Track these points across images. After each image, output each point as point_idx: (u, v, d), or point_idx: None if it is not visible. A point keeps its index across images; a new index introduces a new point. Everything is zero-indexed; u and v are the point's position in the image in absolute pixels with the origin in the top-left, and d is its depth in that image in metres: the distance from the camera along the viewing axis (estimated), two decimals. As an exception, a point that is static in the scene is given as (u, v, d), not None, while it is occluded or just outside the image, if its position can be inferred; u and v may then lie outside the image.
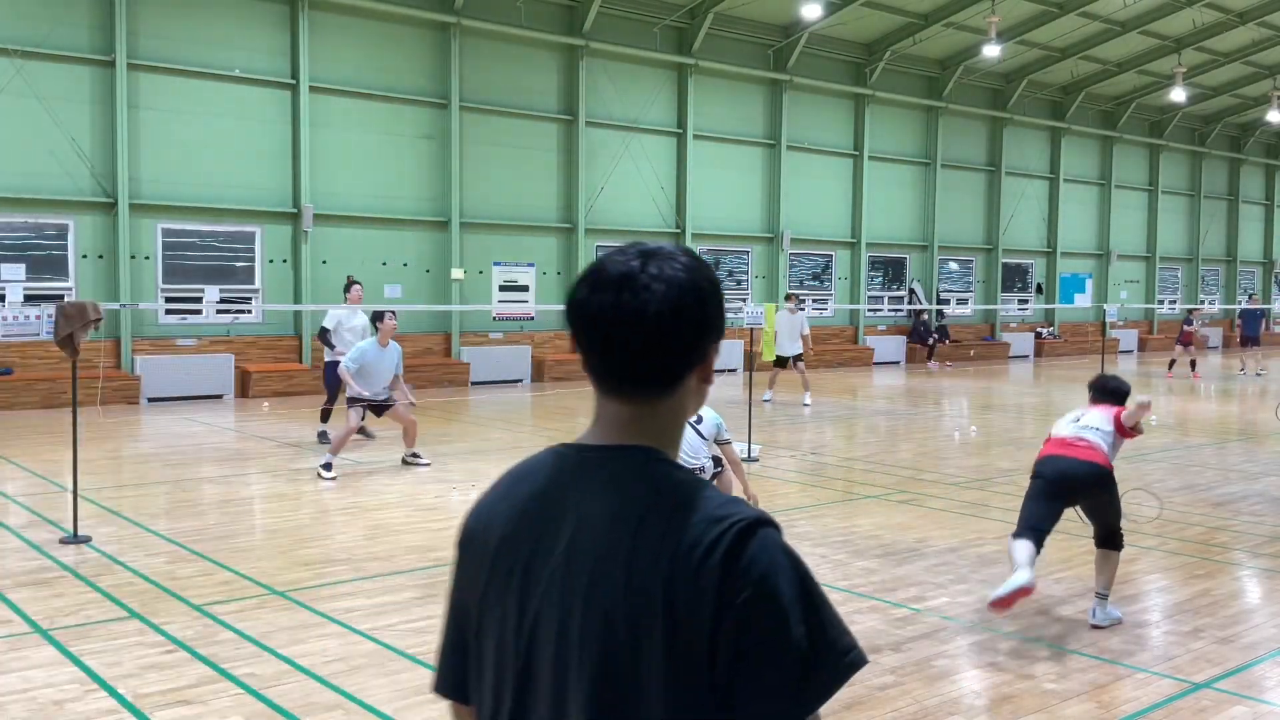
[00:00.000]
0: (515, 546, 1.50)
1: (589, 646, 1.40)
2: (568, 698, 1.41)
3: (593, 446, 1.51)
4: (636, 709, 1.37)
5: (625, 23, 22.39)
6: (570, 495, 1.48)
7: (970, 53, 27.04)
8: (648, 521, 1.41)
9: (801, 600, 1.38)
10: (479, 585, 1.54)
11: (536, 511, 1.50)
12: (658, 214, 23.57)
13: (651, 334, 1.44)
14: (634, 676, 1.37)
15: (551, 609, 1.44)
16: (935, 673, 5.39)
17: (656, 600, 1.36)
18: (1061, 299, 32.21)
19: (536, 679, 1.45)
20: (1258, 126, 37.27)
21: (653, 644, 1.36)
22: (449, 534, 8.57)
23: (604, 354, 1.47)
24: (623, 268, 1.46)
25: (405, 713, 4.76)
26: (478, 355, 20.77)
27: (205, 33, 17.95)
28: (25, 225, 16.69)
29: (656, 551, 1.38)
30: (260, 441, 13.22)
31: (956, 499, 9.87)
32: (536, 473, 1.54)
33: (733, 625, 1.34)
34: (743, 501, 1.47)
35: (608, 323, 1.45)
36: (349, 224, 19.51)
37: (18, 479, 10.43)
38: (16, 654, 5.44)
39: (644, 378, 1.48)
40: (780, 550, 1.40)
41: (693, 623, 1.35)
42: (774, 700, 1.35)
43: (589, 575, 1.41)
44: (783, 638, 1.35)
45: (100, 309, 8.39)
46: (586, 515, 1.45)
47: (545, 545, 1.47)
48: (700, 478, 1.50)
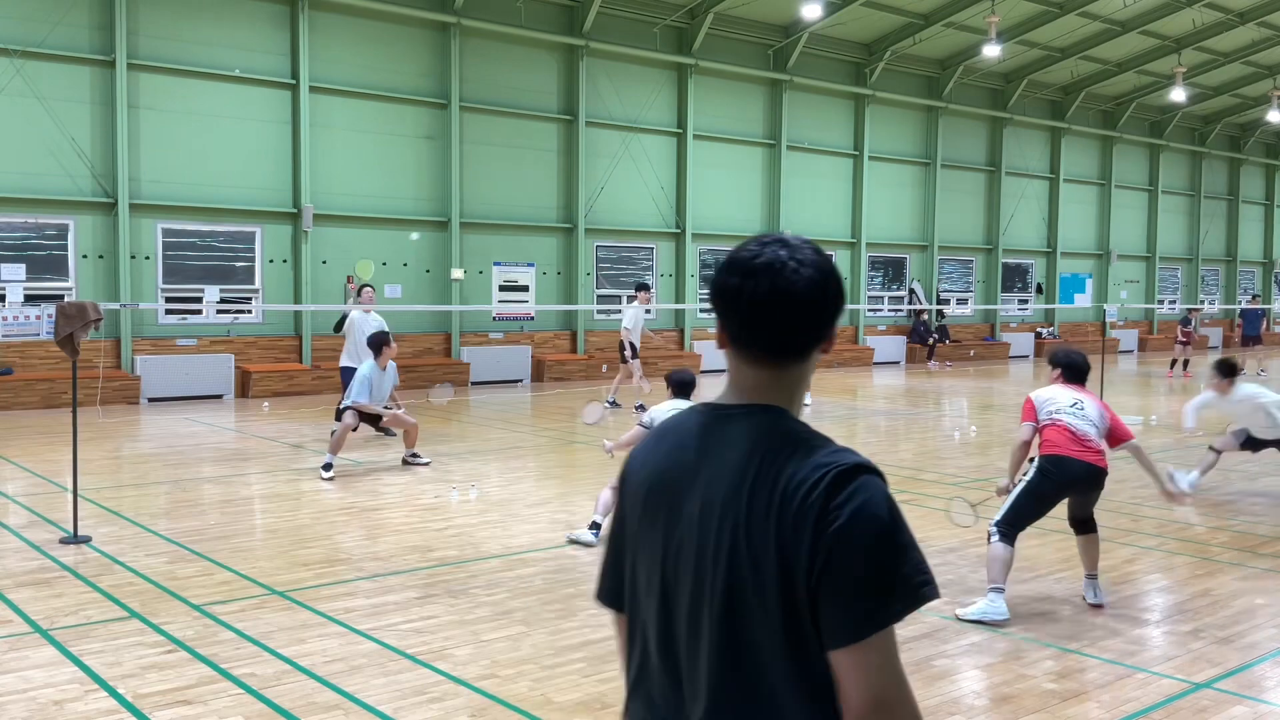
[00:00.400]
0: (663, 489, 1.80)
1: (719, 568, 1.68)
2: (702, 609, 1.71)
3: (730, 405, 1.79)
4: (755, 615, 1.65)
5: (625, 23, 22.40)
6: (708, 446, 1.76)
7: (970, 53, 27.04)
8: (766, 464, 1.68)
9: (887, 533, 1.62)
10: (634, 520, 1.85)
11: (680, 460, 1.79)
12: (658, 214, 23.58)
13: (798, 314, 1.73)
14: (753, 591, 1.65)
15: (690, 539, 1.73)
16: (935, 673, 5.39)
17: (770, 529, 1.64)
18: (1061, 299, 32.21)
19: (677, 595, 1.75)
20: (1258, 126, 37.27)
21: (768, 564, 1.63)
22: (449, 534, 8.60)
23: (754, 330, 1.74)
24: (770, 258, 1.73)
25: (405, 713, 4.76)
26: (478, 355, 20.77)
27: (205, 33, 17.95)
28: (25, 225, 16.70)
29: (771, 488, 1.65)
30: (260, 441, 13.22)
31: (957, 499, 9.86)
32: (680, 428, 1.84)
33: (826, 549, 1.60)
34: (852, 451, 1.70)
35: (762, 305, 1.72)
36: (349, 224, 19.51)
37: (18, 479, 10.43)
38: (16, 654, 5.44)
39: (785, 349, 1.76)
40: (875, 491, 1.64)
41: (796, 546, 1.61)
42: (852, 613, 1.60)
43: (719, 510, 1.70)
44: (866, 561, 1.60)
45: (100, 309, 8.39)
46: (721, 461, 1.73)
47: (687, 487, 1.76)
48: (811, 429, 1.75)
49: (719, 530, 1.69)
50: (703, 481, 1.74)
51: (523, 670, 5.31)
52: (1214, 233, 38.10)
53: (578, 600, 6.53)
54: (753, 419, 1.74)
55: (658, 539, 1.79)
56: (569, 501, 9.57)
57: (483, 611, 6.27)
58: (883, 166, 27.62)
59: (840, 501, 1.61)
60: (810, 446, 1.69)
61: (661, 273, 23.88)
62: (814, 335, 1.76)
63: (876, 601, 1.60)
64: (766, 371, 1.76)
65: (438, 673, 5.25)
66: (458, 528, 8.45)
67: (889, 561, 1.61)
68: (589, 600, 6.53)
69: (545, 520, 8.77)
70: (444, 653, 5.54)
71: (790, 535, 1.62)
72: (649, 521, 1.81)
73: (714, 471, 1.73)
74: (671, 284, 24.02)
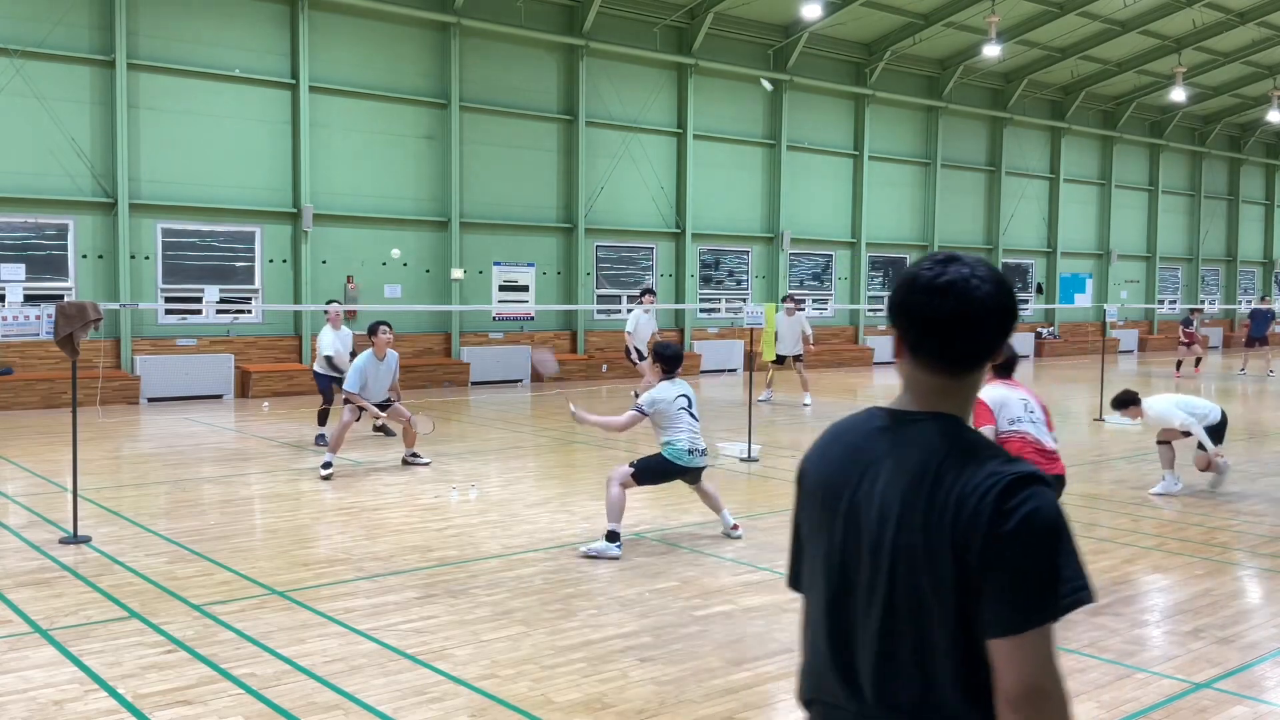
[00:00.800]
0: (840, 484, 1.94)
1: (895, 560, 1.83)
2: (874, 601, 1.86)
3: (910, 411, 1.93)
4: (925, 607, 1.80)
5: (625, 23, 22.40)
6: (885, 447, 1.90)
7: (970, 53, 27.05)
8: (944, 469, 1.81)
9: (1054, 537, 1.75)
10: (812, 513, 2.01)
11: (857, 460, 1.93)
12: (658, 214, 23.58)
13: (980, 328, 1.87)
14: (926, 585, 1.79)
15: (868, 532, 1.87)
16: (935, 673, 5.38)
17: (945, 529, 1.77)
18: (1061, 299, 32.22)
19: (853, 582, 1.90)
20: (1258, 126, 37.27)
21: (942, 560, 1.77)
22: (449, 534, 8.59)
23: (937, 344, 1.88)
24: (953, 276, 1.87)
25: (405, 713, 4.76)
26: (478, 355, 20.77)
27: (205, 33, 17.95)
28: (25, 225, 16.70)
29: (948, 492, 1.79)
30: (260, 441, 13.22)
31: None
32: (856, 429, 1.99)
33: (998, 548, 1.73)
34: (1023, 461, 1.83)
35: (947, 322, 1.86)
36: (349, 224, 19.51)
37: (18, 479, 10.43)
38: (16, 654, 5.44)
39: (964, 361, 1.90)
40: (1044, 499, 1.77)
41: (969, 546, 1.75)
42: (1016, 607, 1.72)
43: (897, 507, 1.83)
44: (1033, 562, 1.73)
45: (100, 309, 8.39)
46: (899, 461, 1.86)
47: (864, 484, 1.90)
48: (989, 440, 1.89)
49: (896, 527, 1.83)
50: (881, 480, 1.88)
51: (523, 670, 5.31)
52: (1214, 233, 38.10)
53: (577, 600, 6.53)
54: (932, 425, 1.89)
55: (834, 533, 1.94)
56: (569, 501, 9.57)
57: (483, 611, 6.26)
58: (883, 166, 27.62)
59: (1013, 506, 1.74)
60: (985, 455, 1.83)
61: (661, 273, 23.87)
62: (992, 347, 1.90)
63: (1040, 599, 1.73)
64: (944, 380, 1.91)
65: (438, 673, 5.25)
66: (458, 528, 8.44)
67: (1054, 563, 1.74)
68: (589, 600, 6.53)
69: (545, 520, 8.77)
70: (444, 653, 5.54)
71: (964, 534, 1.76)
72: (824, 517, 1.96)
73: (892, 472, 1.87)
74: (671, 284, 24.02)
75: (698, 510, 8.80)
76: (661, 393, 7.89)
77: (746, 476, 10.99)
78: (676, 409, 7.82)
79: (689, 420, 7.87)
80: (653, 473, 7.84)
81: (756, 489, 10.28)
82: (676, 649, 5.64)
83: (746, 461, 11.72)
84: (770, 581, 6.95)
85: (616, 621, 6.11)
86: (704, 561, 7.49)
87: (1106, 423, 15.55)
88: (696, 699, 4.96)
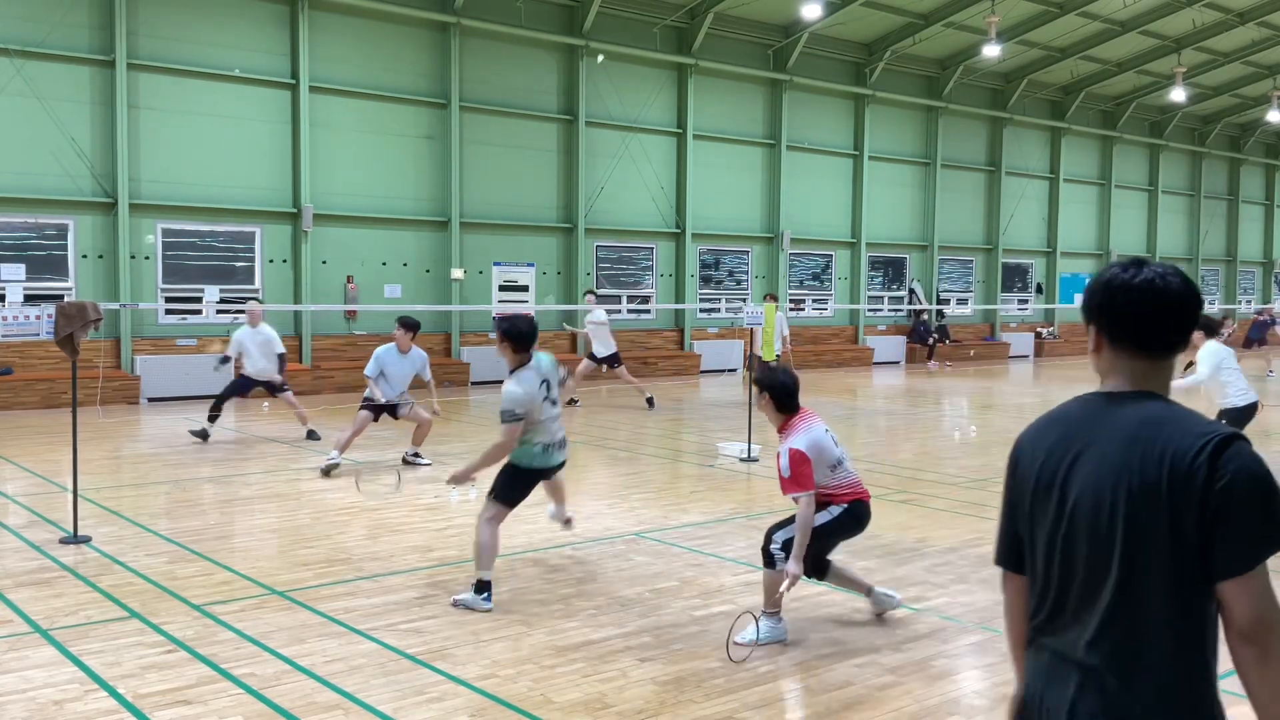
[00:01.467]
0: (1056, 463, 2.19)
1: (1116, 526, 2.06)
2: (1100, 563, 2.09)
3: (1115, 392, 2.20)
4: (1147, 562, 2.03)
5: (625, 23, 22.40)
6: (1098, 424, 2.16)
7: (970, 53, 27.04)
8: (1155, 436, 2.06)
9: (1265, 485, 1.99)
10: (1028, 491, 2.25)
11: (1071, 437, 2.19)
12: (658, 214, 23.58)
13: (1174, 316, 2.17)
14: (1148, 544, 2.03)
15: (1086, 503, 2.12)
16: (935, 673, 5.39)
17: (1161, 491, 2.01)
18: (1061, 299, 32.21)
19: (1076, 552, 2.14)
20: (1258, 126, 37.27)
21: (1159, 521, 2.01)
22: (449, 534, 8.58)
23: (1139, 333, 2.17)
24: (1148, 275, 2.18)
25: (405, 713, 4.76)
26: (478, 355, 20.76)
27: (205, 33, 17.95)
28: (25, 225, 16.70)
29: (1160, 457, 2.03)
30: (260, 441, 13.22)
31: (956, 499, 9.87)
32: (1068, 413, 2.26)
33: (1213, 503, 1.98)
34: (1223, 424, 2.10)
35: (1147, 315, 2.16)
36: (349, 224, 19.52)
37: (18, 479, 10.43)
38: (16, 654, 5.44)
39: (1165, 346, 2.19)
40: (1249, 455, 2.01)
41: (1186, 504, 1.99)
42: (1242, 548, 1.97)
43: (1113, 478, 2.08)
44: (1251, 507, 1.98)
45: (100, 309, 8.38)
46: (1112, 436, 2.11)
47: (1081, 460, 2.15)
48: (1194, 411, 2.12)
49: (1114, 491, 2.07)
50: (1098, 452, 2.13)
51: (522, 670, 5.31)
52: (1214, 233, 38.10)
53: (577, 600, 6.53)
54: (1138, 401, 2.16)
55: (1053, 506, 2.19)
56: (568, 502, 9.55)
57: (483, 611, 6.26)
58: (883, 166, 27.62)
59: (1224, 462, 1.99)
60: (1190, 421, 2.07)
61: (661, 273, 23.88)
62: (1184, 333, 2.19)
63: (1262, 537, 1.98)
64: (1146, 364, 2.19)
65: (438, 673, 5.25)
66: (458, 528, 8.44)
67: (1269, 506, 1.99)
68: (589, 600, 6.53)
69: (544, 520, 8.76)
70: (444, 653, 5.54)
71: (1181, 493, 1.99)
72: (1044, 493, 2.21)
73: (1108, 443, 2.12)
74: (671, 284, 24.02)
75: (698, 510, 8.80)
76: (524, 389, 6.35)
77: (746, 476, 10.99)
78: (541, 399, 6.46)
79: (550, 410, 6.54)
80: (513, 490, 6.51)
81: (756, 489, 10.28)
82: (676, 649, 5.64)
83: (746, 461, 11.73)
84: (770, 581, 6.95)
85: (616, 621, 6.11)
86: (704, 561, 7.49)
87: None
88: (696, 699, 4.97)
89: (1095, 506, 2.11)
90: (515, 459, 6.40)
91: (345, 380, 18.49)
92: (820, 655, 5.59)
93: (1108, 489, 2.08)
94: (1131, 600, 2.05)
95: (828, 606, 6.37)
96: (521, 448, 6.39)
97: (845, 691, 5.10)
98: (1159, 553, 2.02)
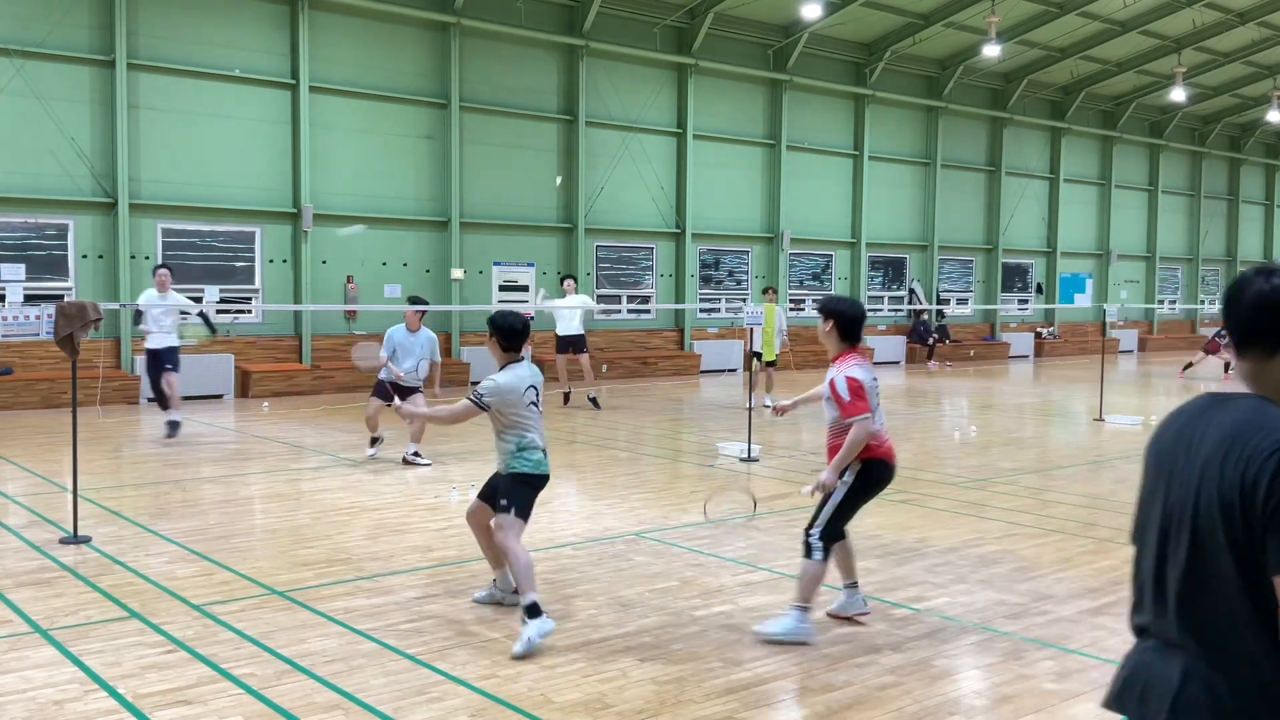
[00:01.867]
0: (1169, 455, 2.36)
1: (1200, 513, 2.20)
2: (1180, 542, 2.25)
3: (1223, 393, 2.32)
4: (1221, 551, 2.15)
5: (625, 23, 22.40)
6: (1203, 422, 2.29)
7: (970, 53, 27.05)
8: (1243, 435, 2.17)
9: None
10: (1149, 479, 2.43)
11: (1185, 432, 2.33)
12: (658, 214, 23.58)
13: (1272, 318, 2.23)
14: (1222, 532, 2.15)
15: (1186, 492, 2.25)
16: (935, 673, 5.39)
17: (1236, 486, 2.13)
18: (1061, 299, 32.21)
19: (1174, 534, 2.29)
20: (1258, 126, 37.27)
21: (1235, 514, 2.13)
22: (449, 534, 8.58)
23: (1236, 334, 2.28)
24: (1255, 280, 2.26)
25: (405, 713, 4.76)
26: (478, 355, 20.75)
27: (205, 33, 17.96)
28: (25, 225, 16.70)
29: (1240, 455, 2.14)
30: (260, 441, 13.22)
31: (956, 499, 9.87)
32: (1187, 409, 2.39)
33: (1276, 501, 2.06)
34: None
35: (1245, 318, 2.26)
36: (349, 224, 19.50)
37: (18, 479, 10.43)
38: (16, 654, 5.44)
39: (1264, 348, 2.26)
40: None
41: (1254, 496, 2.10)
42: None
43: (1203, 470, 2.22)
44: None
45: (100, 309, 8.39)
46: (1210, 433, 2.24)
47: (1185, 453, 2.30)
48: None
49: (1201, 484, 2.21)
50: (1201, 448, 2.26)
51: (522, 670, 5.31)
52: (1214, 233, 38.10)
53: (577, 600, 6.53)
54: (1237, 400, 2.27)
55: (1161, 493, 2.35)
56: (568, 502, 9.57)
57: (483, 611, 6.27)
58: (883, 166, 27.62)
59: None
60: (1275, 424, 2.15)
61: (661, 273, 23.88)
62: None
63: None
64: (1250, 365, 2.29)
65: (438, 673, 5.25)
66: (458, 528, 8.43)
67: None
68: (589, 600, 6.54)
69: (544, 520, 8.76)
70: (444, 653, 5.54)
71: (1250, 490, 2.10)
72: (1157, 481, 2.38)
73: (1209, 439, 2.25)
74: (671, 284, 24.02)
75: (698, 510, 8.80)
76: (509, 379, 5.99)
77: (746, 477, 10.99)
78: (526, 402, 6.03)
79: (536, 414, 6.13)
80: (530, 503, 6.09)
81: (756, 489, 10.28)
82: (676, 649, 5.65)
83: (746, 461, 11.73)
84: (770, 581, 6.95)
85: (616, 621, 6.11)
86: (704, 561, 7.49)
87: (1106, 423, 15.55)
88: (696, 699, 4.97)
89: (1186, 499, 2.27)
90: (527, 469, 6.03)
91: (345, 380, 18.48)
92: (820, 655, 5.59)
93: (1196, 481, 2.23)
94: (1207, 589, 2.19)
95: (827, 606, 6.36)
96: (530, 452, 6.04)
97: (845, 691, 5.10)
98: (1232, 546, 2.13)
